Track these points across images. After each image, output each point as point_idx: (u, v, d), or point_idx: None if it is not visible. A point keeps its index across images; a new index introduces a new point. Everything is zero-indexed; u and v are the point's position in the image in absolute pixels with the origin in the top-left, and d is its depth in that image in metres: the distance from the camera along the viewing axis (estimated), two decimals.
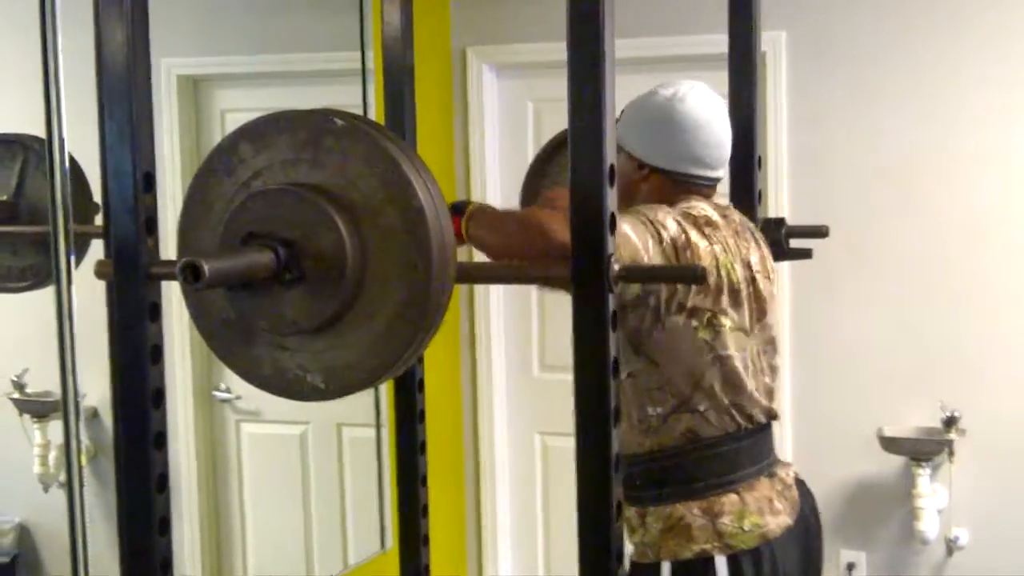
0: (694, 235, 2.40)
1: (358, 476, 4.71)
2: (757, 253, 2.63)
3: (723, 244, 2.47)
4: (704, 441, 2.53)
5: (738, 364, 2.53)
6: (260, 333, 1.61)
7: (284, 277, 1.53)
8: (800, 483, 2.69)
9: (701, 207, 2.51)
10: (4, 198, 3.22)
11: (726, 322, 2.49)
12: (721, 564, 2.49)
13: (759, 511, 2.54)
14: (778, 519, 2.55)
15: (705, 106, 2.56)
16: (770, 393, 2.65)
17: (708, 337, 2.48)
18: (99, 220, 2.63)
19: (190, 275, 1.41)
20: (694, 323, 2.46)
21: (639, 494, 2.58)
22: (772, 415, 2.64)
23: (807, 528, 2.67)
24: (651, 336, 2.46)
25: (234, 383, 4.94)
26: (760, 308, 2.61)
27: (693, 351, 2.48)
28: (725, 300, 2.48)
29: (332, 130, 1.56)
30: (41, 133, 3.03)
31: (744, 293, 2.52)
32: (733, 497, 2.53)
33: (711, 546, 2.49)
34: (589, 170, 1.52)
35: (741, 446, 2.58)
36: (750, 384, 2.57)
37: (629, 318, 2.42)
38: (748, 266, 2.57)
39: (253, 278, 1.53)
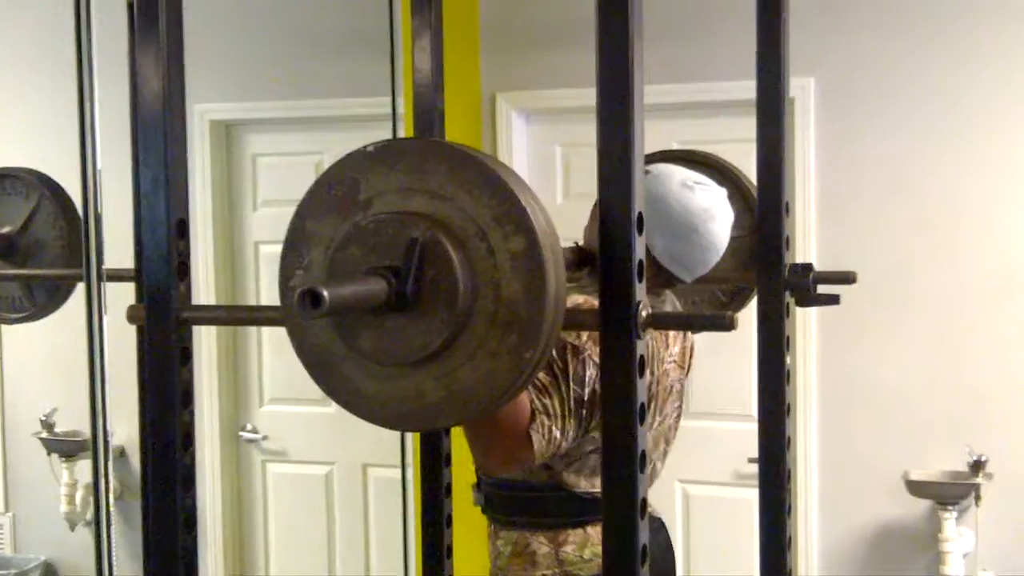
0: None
1: (383, 517, 4.72)
2: (679, 344, 2.74)
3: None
4: (565, 490, 2.61)
5: None
6: (364, 362, 1.58)
7: (394, 306, 1.51)
8: (652, 519, 2.72)
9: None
10: (7, 230, 3.26)
11: None
12: None
13: (600, 543, 2.60)
14: None
15: (725, 230, 2.67)
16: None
17: (599, 435, 2.52)
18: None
19: (310, 302, 1.39)
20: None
21: (493, 514, 2.70)
22: None
23: (652, 562, 2.70)
24: None
25: (261, 424, 4.96)
26: (660, 402, 2.70)
27: (583, 441, 2.55)
28: None
29: (447, 158, 1.54)
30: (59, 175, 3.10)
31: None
32: (579, 531, 2.62)
33: (552, 572, 2.59)
34: (618, 217, 1.53)
35: (596, 501, 2.61)
36: None
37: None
38: (662, 361, 2.66)
39: (368, 306, 1.50)
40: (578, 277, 2.77)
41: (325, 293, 1.39)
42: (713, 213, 2.64)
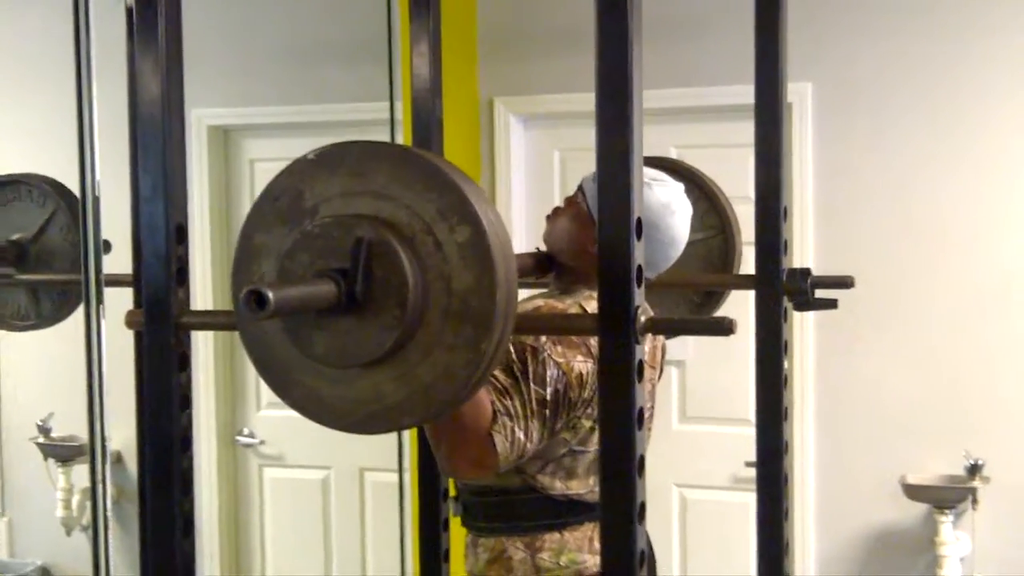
0: (576, 362, 2.47)
1: (380, 521, 4.71)
2: (650, 343, 2.72)
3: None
4: (539, 492, 2.61)
5: (590, 459, 2.61)
6: (315, 365, 1.59)
7: (345, 307, 1.51)
8: None
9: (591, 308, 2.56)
10: (18, 237, 3.25)
11: (587, 423, 2.56)
12: None
13: (578, 548, 2.62)
14: (595, 558, 2.61)
15: (685, 224, 2.67)
16: None
17: (568, 436, 2.56)
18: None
19: (254, 303, 1.40)
20: (559, 426, 2.53)
21: (472, 523, 2.70)
22: None
23: None
24: None
25: (258, 428, 4.96)
26: None
27: (553, 442, 2.55)
28: (592, 406, 2.54)
29: (388, 158, 1.55)
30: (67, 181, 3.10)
31: None
32: (555, 535, 2.62)
33: None
34: (617, 222, 1.53)
35: (572, 503, 2.64)
36: (593, 479, 2.64)
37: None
38: None
39: (315, 307, 1.51)
40: (545, 283, 2.78)
41: (270, 293, 1.40)
42: (672, 208, 2.64)
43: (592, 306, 2.54)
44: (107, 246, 3.09)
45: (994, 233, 4.28)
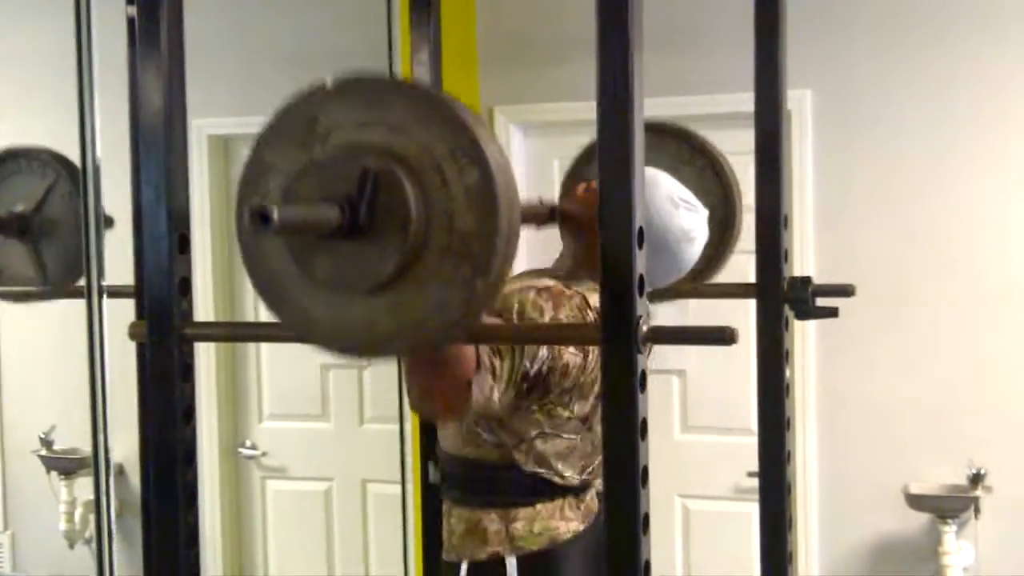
0: (567, 353, 2.48)
1: (383, 533, 4.71)
2: None
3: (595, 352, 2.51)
4: (516, 467, 2.62)
5: (561, 446, 2.62)
6: (312, 287, 1.60)
7: (348, 233, 1.53)
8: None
9: (591, 301, 2.57)
10: (21, 209, 3.25)
11: (564, 412, 2.58)
12: (511, 565, 2.61)
13: (551, 517, 2.64)
14: (569, 524, 2.65)
15: (698, 253, 2.69)
16: (592, 469, 2.71)
17: (542, 418, 2.58)
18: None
19: (259, 219, 1.41)
20: (534, 407, 2.55)
21: (449, 492, 2.71)
22: (586, 484, 2.72)
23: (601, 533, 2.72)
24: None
25: (259, 440, 4.96)
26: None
27: (527, 421, 2.57)
28: (571, 397, 2.56)
29: (406, 93, 1.56)
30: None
31: (596, 391, 2.56)
32: (529, 509, 2.63)
33: (503, 548, 2.62)
34: (618, 231, 1.53)
35: (548, 482, 2.65)
36: (569, 461, 2.65)
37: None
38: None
39: (318, 231, 1.53)
40: (553, 271, 2.75)
41: (275, 211, 1.41)
42: (692, 236, 2.65)
43: (594, 299, 2.54)
44: (109, 221, 3.07)
45: (996, 239, 4.28)
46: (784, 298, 2.59)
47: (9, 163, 3.27)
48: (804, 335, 4.41)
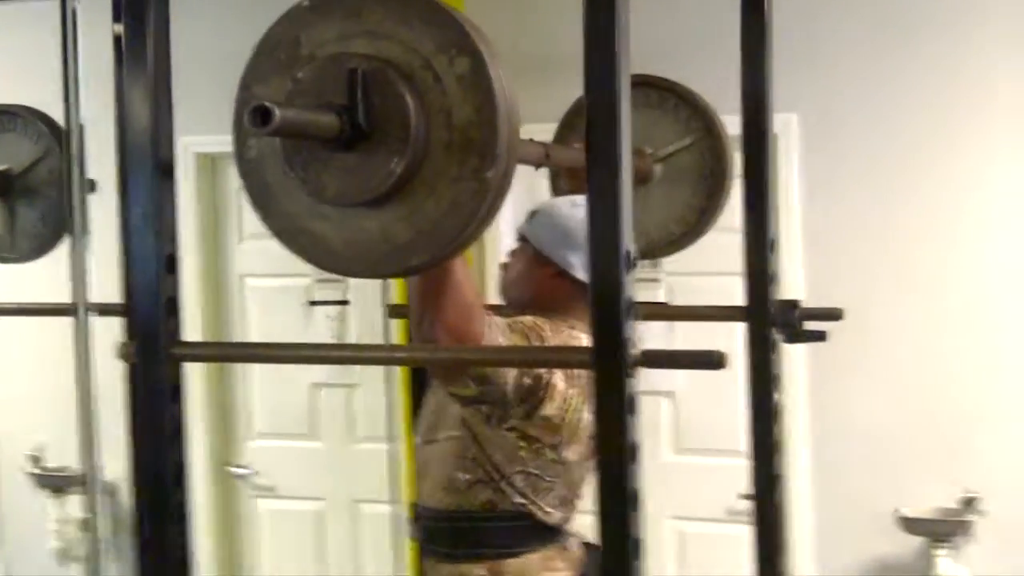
0: (558, 377, 2.47)
1: (374, 553, 4.70)
2: None
3: (580, 388, 2.50)
4: (500, 514, 2.61)
5: (541, 486, 2.62)
6: (322, 211, 1.61)
7: (349, 141, 1.53)
8: (587, 545, 2.71)
9: (580, 336, 2.56)
10: (5, 168, 3.20)
11: (551, 455, 2.58)
12: None
13: (542, 568, 2.63)
14: (557, 575, 2.64)
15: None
16: (574, 507, 2.72)
17: (527, 456, 2.57)
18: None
19: (259, 119, 1.41)
20: (520, 443, 2.55)
21: (434, 548, 2.69)
22: (566, 521, 2.72)
23: None
24: (481, 424, 2.54)
25: (250, 459, 4.95)
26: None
27: (511, 458, 2.57)
28: (560, 438, 2.55)
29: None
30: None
31: (584, 433, 2.56)
32: (518, 560, 2.61)
33: None
34: (607, 257, 1.53)
35: (535, 527, 2.64)
36: (547, 500, 2.64)
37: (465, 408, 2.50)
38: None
39: (319, 135, 1.52)
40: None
41: (276, 111, 1.41)
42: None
43: (577, 333, 2.56)
44: (91, 185, 3.04)
45: (984, 260, 4.26)
46: (772, 322, 2.60)
47: (4, 119, 3.24)
48: (795, 358, 4.41)
